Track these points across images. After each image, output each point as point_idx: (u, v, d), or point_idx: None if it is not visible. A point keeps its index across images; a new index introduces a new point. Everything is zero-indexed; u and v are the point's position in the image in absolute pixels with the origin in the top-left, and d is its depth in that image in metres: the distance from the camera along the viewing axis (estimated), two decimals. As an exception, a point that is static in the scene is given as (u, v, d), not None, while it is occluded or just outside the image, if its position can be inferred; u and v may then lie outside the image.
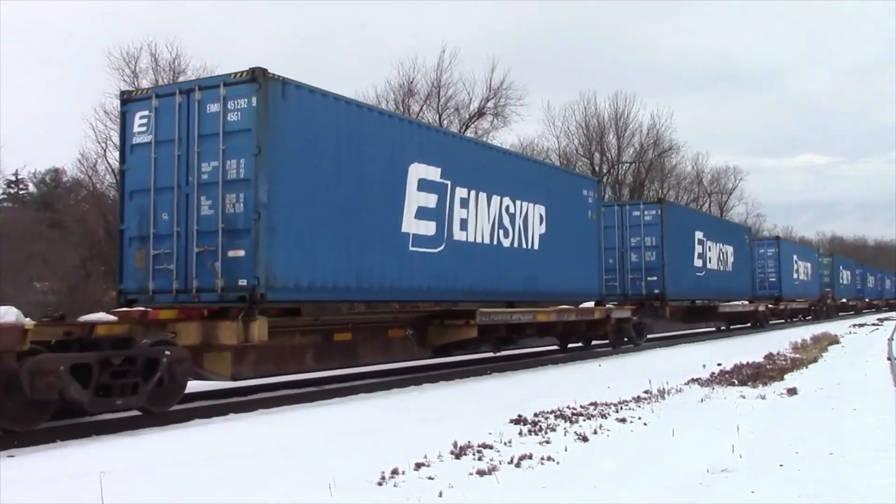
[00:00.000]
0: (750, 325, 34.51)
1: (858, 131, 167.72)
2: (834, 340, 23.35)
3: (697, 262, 26.56)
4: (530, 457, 6.78)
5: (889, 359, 16.78)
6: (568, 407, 9.63)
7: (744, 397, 10.81)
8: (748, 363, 15.13)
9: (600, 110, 54.46)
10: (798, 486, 5.72)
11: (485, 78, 45.04)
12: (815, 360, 16.70)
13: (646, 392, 11.11)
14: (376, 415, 9.70)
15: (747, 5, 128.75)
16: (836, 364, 16.20)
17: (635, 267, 23.42)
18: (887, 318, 46.34)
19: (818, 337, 23.97)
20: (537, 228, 16.94)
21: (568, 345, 20.62)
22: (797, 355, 17.64)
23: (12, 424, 8.22)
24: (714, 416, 9.18)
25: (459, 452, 6.95)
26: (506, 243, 15.78)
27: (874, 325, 37.15)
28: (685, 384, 12.35)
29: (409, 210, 12.94)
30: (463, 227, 14.39)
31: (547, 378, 14.38)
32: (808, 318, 44.27)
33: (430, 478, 6.09)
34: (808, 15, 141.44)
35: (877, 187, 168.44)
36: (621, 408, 9.78)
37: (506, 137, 53.18)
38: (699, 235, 26.78)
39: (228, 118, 10.42)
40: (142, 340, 9.25)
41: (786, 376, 13.42)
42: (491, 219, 15.29)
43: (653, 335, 24.80)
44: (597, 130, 54.57)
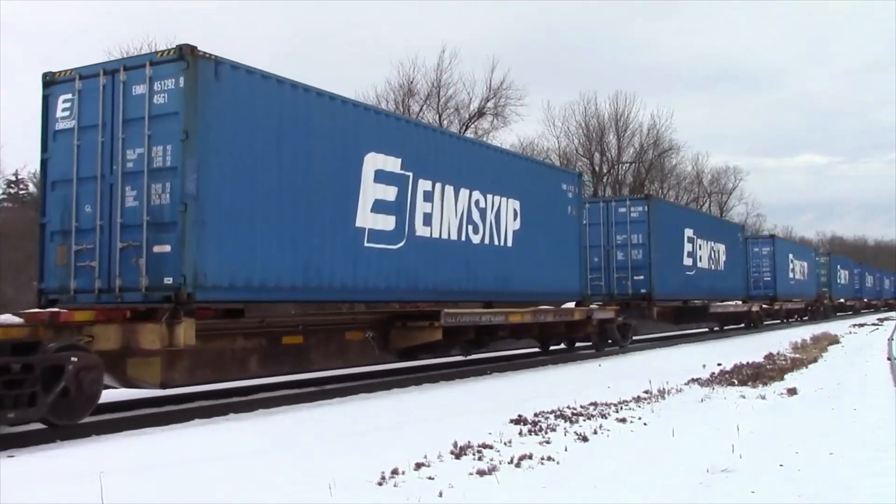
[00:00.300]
0: (744, 325, 33.82)
1: (859, 131, 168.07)
2: (834, 340, 23.35)
3: (687, 261, 25.77)
4: (530, 457, 6.78)
5: (889, 359, 16.78)
6: (568, 407, 9.63)
7: (744, 397, 10.81)
8: (748, 363, 15.13)
9: (600, 110, 54.47)
10: (798, 486, 5.73)
11: (485, 78, 45.00)
12: (815, 360, 16.70)
13: (646, 392, 11.11)
14: (376, 415, 9.70)
15: (748, 5, 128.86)
16: (836, 364, 16.21)
17: (621, 266, 22.65)
18: (887, 318, 46.35)
19: (818, 337, 23.98)
20: (511, 224, 16.03)
21: (549, 347, 19.88)
22: (797, 355, 17.64)
23: None
24: (714, 416, 9.18)
25: (459, 452, 6.95)
26: (475, 240, 14.88)
27: (874, 325, 37.15)
28: (685, 384, 12.35)
29: (364, 203, 12.03)
30: (427, 223, 13.49)
31: (547, 378, 14.37)
32: (805, 318, 43.76)
33: (430, 478, 6.09)
34: (809, 15, 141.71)
35: (877, 187, 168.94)
36: (621, 408, 9.78)
37: (506, 137, 53.20)
38: (689, 233, 26.01)
39: (155, 101, 9.57)
40: (49, 345, 8.35)
41: (786, 376, 13.43)
42: (459, 213, 14.40)
43: (639, 337, 24.23)
44: (597, 130, 54.57)
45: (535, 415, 9.04)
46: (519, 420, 8.73)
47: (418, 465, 6.40)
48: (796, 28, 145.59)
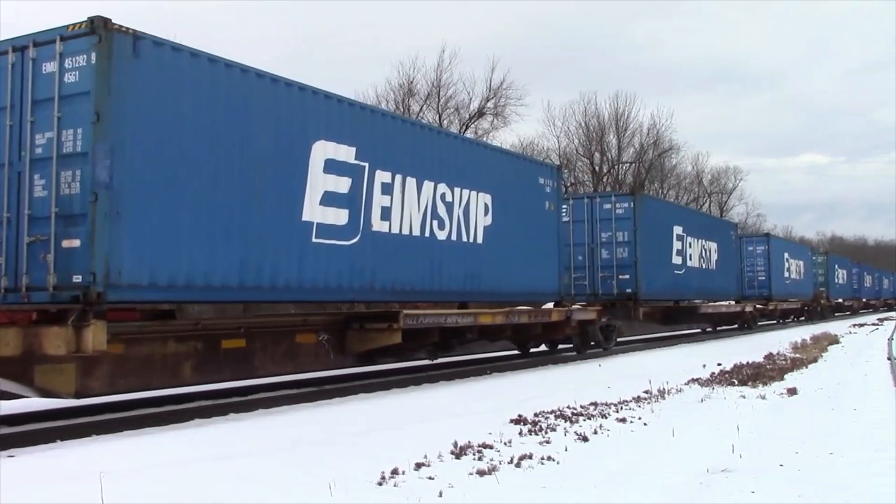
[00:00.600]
0: (737, 326, 32.90)
1: (859, 131, 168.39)
2: (834, 340, 23.37)
3: (676, 260, 24.72)
4: (530, 457, 6.79)
5: (889, 359, 16.79)
6: (568, 407, 9.63)
7: (744, 397, 10.82)
8: (748, 363, 15.14)
9: (600, 110, 54.63)
10: (798, 486, 5.73)
11: (485, 78, 45.16)
12: (815, 360, 16.71)
13: (646, 392, 11.11)
14: (376, 414, 9.69)
15: (748, 5, 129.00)
16: (836, 364, 16.22)
17: (606, 264, 21.67)
18: (887, 318, 46.37)
19: (818, 337, 24.01)
20: (481, 220, 14.99)
21: (529, 350, 18.93)
22: (797, 355, 17.66)
23: None
24: (714, 416, 9.19)
25: (459, 452, 6.95)
26: (441, 236, 13.81)
27: (874, 325, 37.18)
28: (685, 384, 12.36)
29: (312, 195, 11.03)
30: (385, 217, 12.46)
31: (547, 378, 14.37)
32: (802, 319, 43.14)
33: (431, 478, 6.09)
34: (809, 15, 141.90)
35: (878, 187, 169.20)
36: (621, 408, 9.78)
37: (506, 137, 53.30)
38: (678, 231, 24.90)
39: (66, 79, 8.66)
40: None
41: (786, 376, 13.44)
42: (422, 208, 13.34)
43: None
44: (597, 130, 54.69)
45: (535, 415, 9.04)
46: (519, 420, 8.73)
47: (418, 465, 6.40)
48: (796, 28, 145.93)
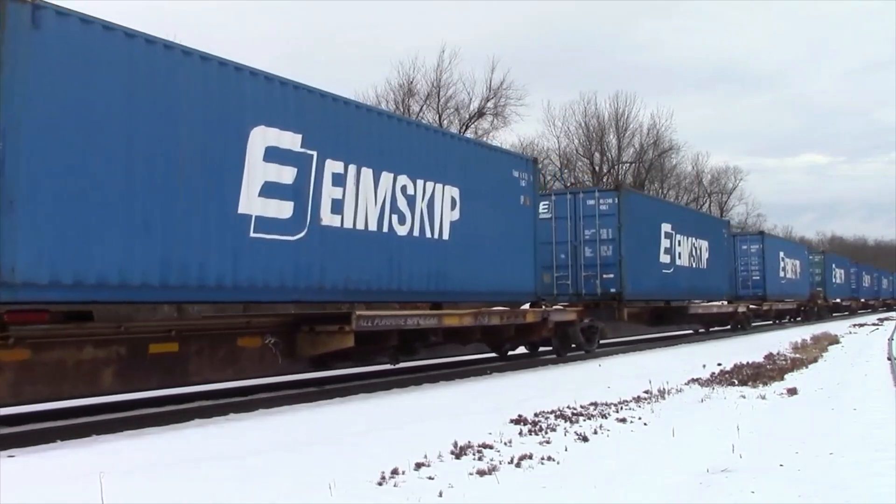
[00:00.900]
0: (730, 328, 31.72)
1: (859, 131, 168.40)
2: (834, 340, 23.37)
3: (664, 258, 23.64)
4: (530, 457, 6.79)
5: (889, 359, 16.79)
6: (568, 407, 9.63)
7: (744, 397, 10.82)
8: (748, 363, 15.13)
9: (600, 110, 54.65)
10: (798, 486, 5.72)
11: (485, 78, 45.18)
12: (815, 360, 16.71)
13: (646, 392, 11.12)
14: (376, 414, 9.70)
15: (748, 5, 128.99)
16: (836, 364, 16.22)
17: (590, 263, 20.65)
18: (887, 318, 46.30)
19: (818, 337, 24.01)
20: (448, 214, 14.04)
21: (507, 353, 18.13)
22: (797, 355, 17.65)
23: None
24: (714, 416, 9.18)
25: (459, 452, 6.95)
26: (401, 231, 12.86)
27: (874, 325, 37.16)
28: (685, 384, 12.36)
29: (249, 186, 10.14)
30: (336, 210, 11.51)
31: (547, 378, 14.36)
32: (798, 319, 42.35)
33: (430, 478, 6.09)
34: (809, 15, 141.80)
35: (879, 187, 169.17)
36: (621, 408, 9.78)
37: (506, 137, 53.31)
38: (666, 228, 23.86)
39: None
40: None
41: (786, 376, 13.43)
42: (380, 201, 12.38)
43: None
44: (597, 130, 54.72)
45: (535, 415, 9.04)
46: (519, 420, 8.73)
47: (418, 465, 6.40)
48: (796, 28, 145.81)
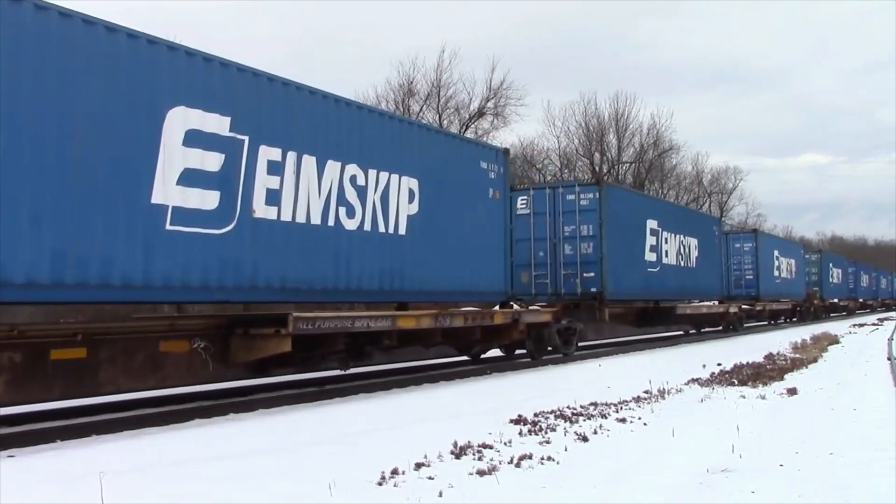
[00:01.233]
0: (721, 328, 30.48)
1: (859, 131, 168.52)
2: (834, 340, 23.38)
3: (650, 256, 22.48)
4: (530, 457, 6.79)
5: (889, 359, 16.79)
6: (568, 407, 9.63)
7: (744, 397, 10.82)
8: (748, 363, 15.13)
9: (600, 110, 54.71)
10: (798, 486, 5.73)
11: (485, 78, 45.29)
12: (815, 361, 16.71)
13: (646, 392, 11.12)
14: (376, 414, 9.70)
15: (749, 5, 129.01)
16: (836, 364, 16.22)
17: (570, 261, 19.58)
18: (887, 318, 46.25)
19: (818, 337, 24.02)
20: (405, 207, 13.01)
21: (479, 356, 17.31)
22: (797, 355, 17.66)
23: None
24: (714, 416, 9.19)
25: (459, 452, 6.95)
26: (350, 226, 11.86)
27: (874, 325, 37.14)
28: (685, 384, 12.36)
29: (165, 172, 9.15)
30: (272, 201, 10.56)
31: (547, 378, 14.35)
32: (794, 319, 41.43)
33: (430, 478, 6.09)
34: (809, 15, 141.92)
35: (879, 187, 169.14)
36: (621, 408, 9.78)
37: (506, 137, 53.26)
38: (652, 225, 22.74)
39: None
40: None
41: (786, 376, 13.44)
42: (324, 192, 11.40)
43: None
44: (597, 130, 54.75)
45: (535, 415, 9.04)
46: (519, 420, 8.73)
47: (418, 465, 6.40)
48: (797, 28, 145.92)
